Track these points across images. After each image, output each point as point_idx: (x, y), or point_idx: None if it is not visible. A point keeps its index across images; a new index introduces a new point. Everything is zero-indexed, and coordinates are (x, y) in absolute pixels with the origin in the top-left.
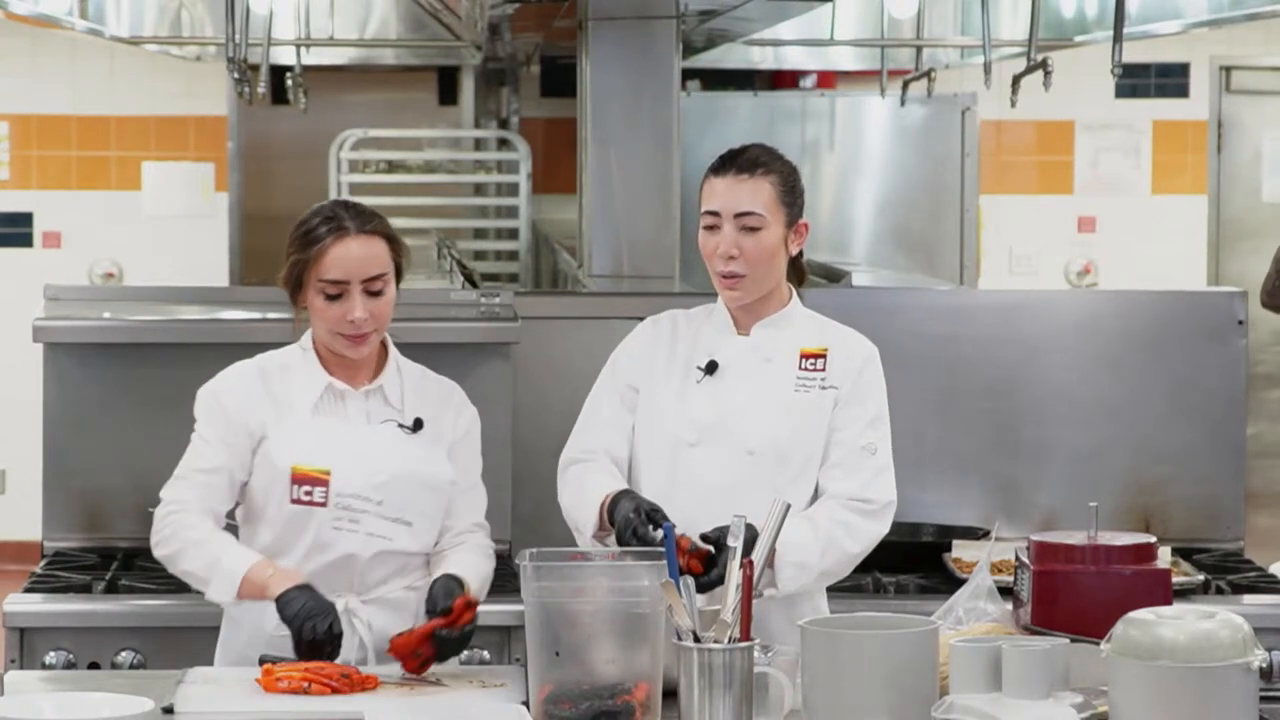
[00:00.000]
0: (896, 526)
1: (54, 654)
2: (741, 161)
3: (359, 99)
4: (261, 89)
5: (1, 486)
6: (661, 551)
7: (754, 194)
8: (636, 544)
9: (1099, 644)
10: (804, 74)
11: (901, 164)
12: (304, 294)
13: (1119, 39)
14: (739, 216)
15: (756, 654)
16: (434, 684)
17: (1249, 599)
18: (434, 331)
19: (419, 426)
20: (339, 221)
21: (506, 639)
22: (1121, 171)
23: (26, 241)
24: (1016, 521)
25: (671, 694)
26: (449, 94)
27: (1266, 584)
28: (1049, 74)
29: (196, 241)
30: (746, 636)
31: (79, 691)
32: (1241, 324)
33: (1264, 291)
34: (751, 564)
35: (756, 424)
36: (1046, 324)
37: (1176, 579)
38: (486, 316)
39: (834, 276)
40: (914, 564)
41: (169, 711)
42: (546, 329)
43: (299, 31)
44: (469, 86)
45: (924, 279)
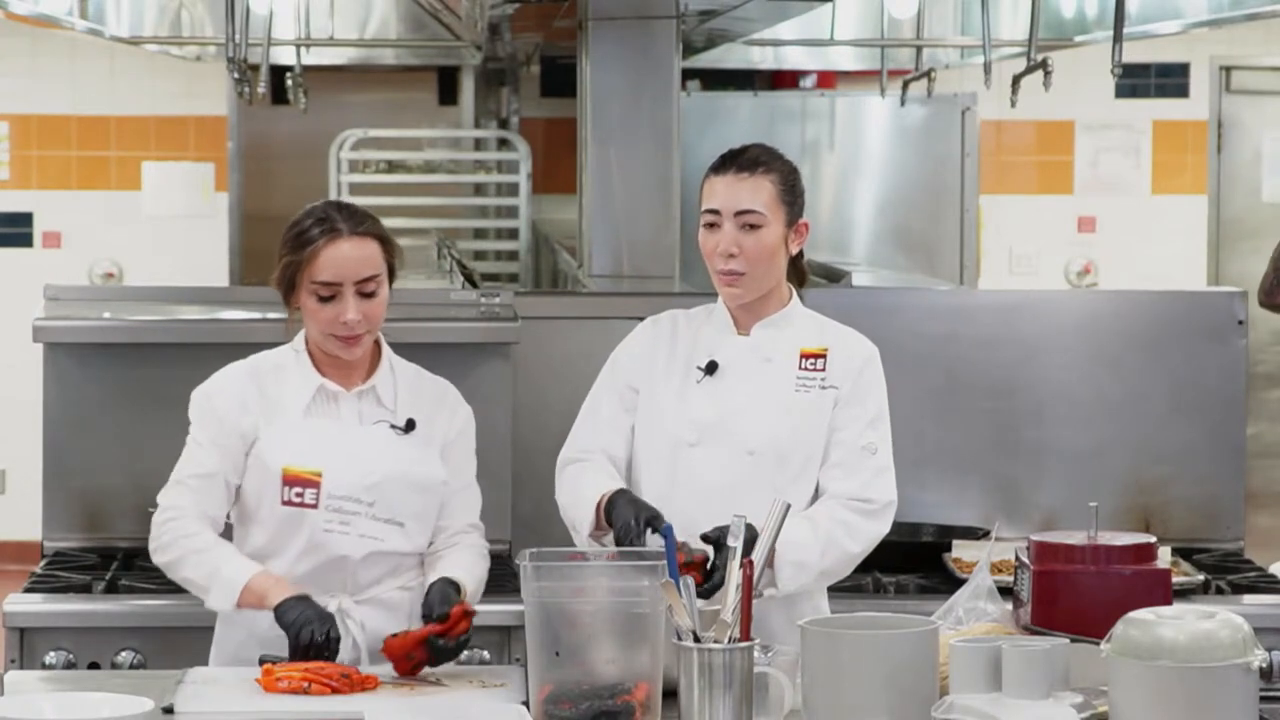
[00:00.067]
0: (896, 526)
1: (54, 654)
2: (742, 160)
3: (359, 99)
4: (261, 89)
5: (1, 486)
6: (661, 551)
7: (754, 192)
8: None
9: (1099, 644)
10: (804, 74)
11: (901, 164)
12: (297, 295)
13: (1119, 39)
14: (739, 215)
15: (756, 654)
16: (434, 684)
17: (1249, 599)
18: (434, 331)
19: (411, 427)
20: (331, 223)
21: (506, 639)
22: (1121, 171)
23: (26, 241)
24: (1016, 521)
25: (671, 694)
26: (449, 94)
27: (1266, 584)
28: (1049, 74)
29: (196, 241)
30: (746, 636)
31: (79, 691)
32: (1241, 324)
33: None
34: (751, 564)
35: (756, 424)
36: (1046, 324)
37: (1176, 579)
38: (486, 316)
39: (834, 276)
40: (914, 564)
41: (169, 711)
42: (546, 329)
43: (299, 31)
44: (469, 86)
45: (924, 279)
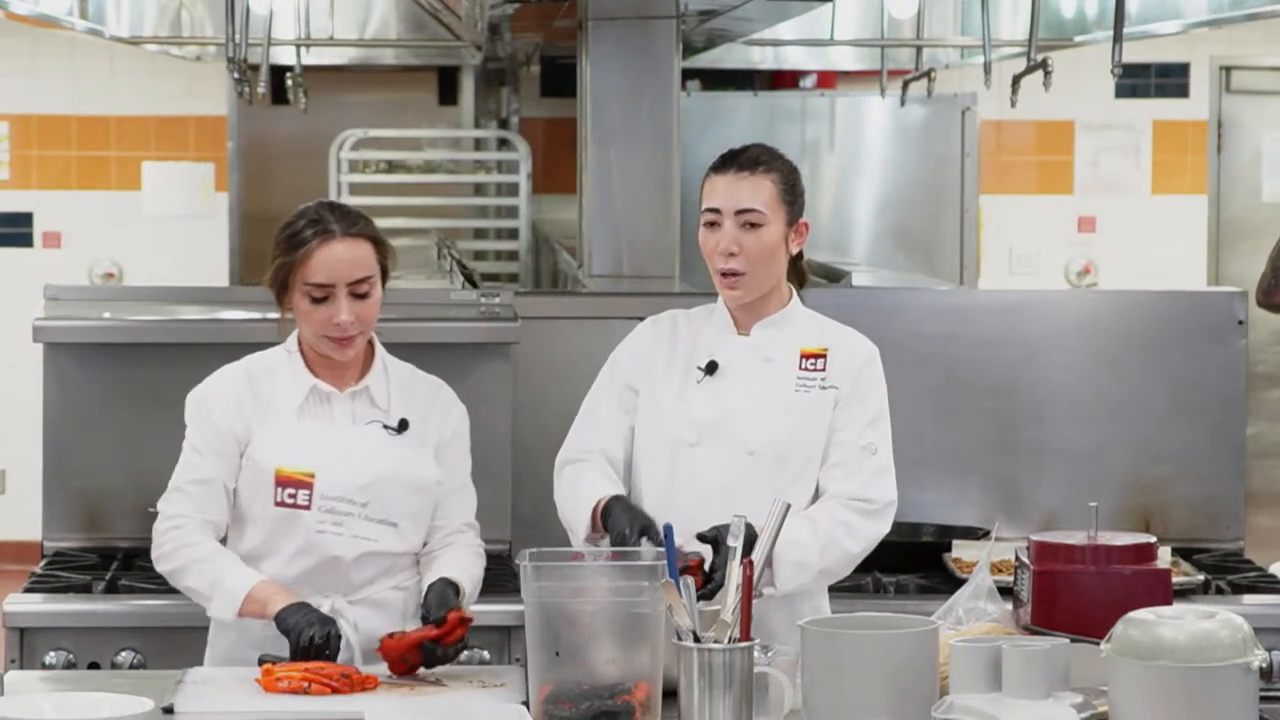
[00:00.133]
0: (896, 526)
1: (54, 654)
2: (743, 160)
3: (359, 99)
4: (261, 89)
5: (1, 486)
6: (661, 552)
7: (755, 191)
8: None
9: (1099, 644)
10: (804, 74)
11: (901, 164)
12: (290, 296)
13: (1119, 39)
14: (740, 214)
15: (756, 654)
16: (434, 684)
17: (1249, 599)
18: (434, 331)
19: (404, 428)
20: (324, 224)
21: (506, 639)
22: (1121, 171)
23: (26, 241)
24: (1016, 521)
25: (671, 694)
26: (449, 94)
27: (1266, 584)
28: (1049, 74)
29: (196, 241)
30: (746, 636)
31: (79, 691)
32: (1241, 324)
33: (1260, 291)
34: (751, 564)
35: (756, 424)
36: (1046, 324)
37: (1176, 579)
38: (486, 316)
39: (834, 276)
40: (914, 564)
41: (169, 711)
42: (546, 329)
43: (299, 31)
44: (469, 86)
45: (924, 279)
